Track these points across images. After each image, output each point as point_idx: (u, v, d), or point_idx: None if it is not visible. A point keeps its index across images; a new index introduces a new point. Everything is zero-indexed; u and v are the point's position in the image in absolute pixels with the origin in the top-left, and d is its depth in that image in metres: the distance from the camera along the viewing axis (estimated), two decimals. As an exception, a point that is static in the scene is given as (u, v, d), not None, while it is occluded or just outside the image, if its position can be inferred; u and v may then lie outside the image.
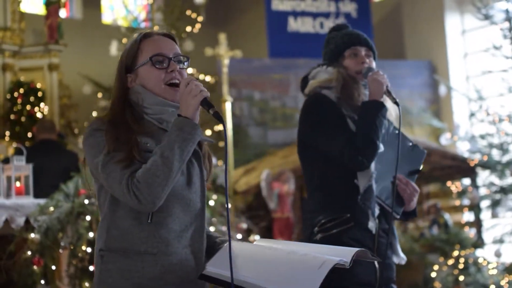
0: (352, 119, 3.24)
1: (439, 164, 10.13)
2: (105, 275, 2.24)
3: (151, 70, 2.35)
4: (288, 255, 2.17)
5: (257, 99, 10.96)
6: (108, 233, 2.26)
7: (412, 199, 3.26)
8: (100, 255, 2.27)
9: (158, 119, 2.34)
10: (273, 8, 11.44)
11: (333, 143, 3.18)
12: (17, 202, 5.14)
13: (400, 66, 11.68)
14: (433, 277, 8.70)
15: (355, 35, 3.36)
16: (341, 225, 3.14)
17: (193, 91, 2.24)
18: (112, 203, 2.27)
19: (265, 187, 8.99)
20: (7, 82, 8.80)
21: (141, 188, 2.14)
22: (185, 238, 2.28)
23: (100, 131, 2.26)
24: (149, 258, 2.21)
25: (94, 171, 2.27)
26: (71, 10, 12.62)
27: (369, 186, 3.17)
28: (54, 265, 5.05)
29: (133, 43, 2.40)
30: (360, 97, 3.27)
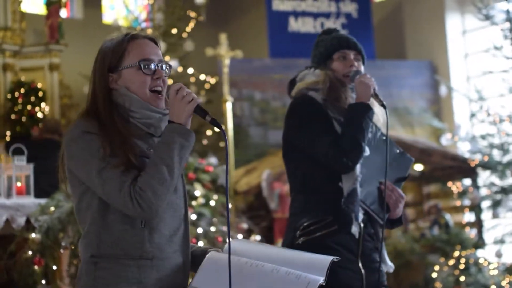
0: (338, 121, 3.21)
1: (440, 165, 10.13)
2: (100, 282, 2.18)
3: (138, 74, 2.30)
4: (272, 274, 2.16)
5: (258, 99, 10.96)
6: (100, 239, 2.20)
7: (397, 205, 3.18)
8: (93, 262, 2.20)
9: (145, 123, 2.30)
10: (274, 8, 11.44)
11: (318, 144, 3.14)
12: (17, 202, 5.14)
13: (400, 66, 11.68)
14: (434, 278, 8.70)
15: (344, 38, 3.34)
16: (324, 228, 3.10)
17: (185, 98, 2.21)
18: (102, 208, 2.21)
19: (266, 187, 8.99)
20: (7, 82, 8.81)
21: (145, 196, 2.11)
22: (174, 243, 2.27)
23: (90, 134, 2.20)
24: (145, 263, 2.19)
25: (84, 177, 2.20)
26: (72, 10, 12.62)
27: (353, 190, 3.11)
28: (55, 265, 5.05)
29: (120, 42, 2.34)
30: (347, 100, 3.24)
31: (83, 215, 2.26)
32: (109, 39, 2.40)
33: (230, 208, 7.66)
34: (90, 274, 2.21)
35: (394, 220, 3.23)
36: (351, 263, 3.09)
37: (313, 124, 3.19)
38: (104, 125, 2.22)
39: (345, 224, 3.12)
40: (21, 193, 5.31)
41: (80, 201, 2.26)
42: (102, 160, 2.15)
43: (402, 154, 3.32)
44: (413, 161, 3.38)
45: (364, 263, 3.14)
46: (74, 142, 2.22)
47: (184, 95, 2.22)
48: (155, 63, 2.33)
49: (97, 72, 2.33)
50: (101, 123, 2.23)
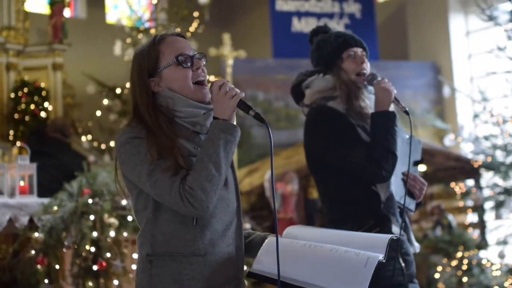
0: (362, 128, 3.20)
1: (443, 165, 10.13)
2: (156, 280, 2.25)
3: (178, 70, 2.36)
4: (331, 252, 2.22)
5: (261, 100, 10.96)
6: (154, 238, 2.27)
7: (422, 193, 3.28)
8: (149, 260, 2.27)
9: (191, 122, 2.35)
10: (277, 8, 11.44)
11: (351, 158, 3.13)
12: (21, 201, 5.15)
13: (404, 67, 11.67)
14: (437, 278, 8.69)
15: (349, 36, 3.31)
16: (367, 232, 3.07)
17: (229, 93, 2.26)
18: (155, 208, 2.28)
19: (268, 187, 8.99)
20: (11, 82, 8.81)
21: (196, 195, 2.16)
22: (227, 237, 2.32)
23: (137, 139, 2.26)
24: (197, 260, 2.24)
25: (136, 180, 2.26)
26: (75, 10, 12.64)
27: (390, 194, 3.15)
28: (57, 264, 5.06)
29: (151, 46, 2.38)
30: (364, 102, 3.22)
31: (140, 216, 2.34)
32: (139, 46, 2.45)
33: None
34: (145, 272, 2.28)
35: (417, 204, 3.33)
36: (391, 260, 3.09)
37: (340, 137, 3.18)
38: (150, 129, 2.27)
39: (386, 225, 3.15)
40: (24, 192, 5.32)
41: (137, 203, 2.33)
42: (150, 163, 2.21)
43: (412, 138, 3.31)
44: (422, 142, 3.43)
45: (403, 257, 3.17)
46: (123, 147, 2.28)
47: (227, 90, 2.27)
48: (191, 55, 2.38)
49: (137, 80, 2.37)
50: (148, 128, 2.28)
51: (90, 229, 4.93)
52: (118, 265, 4.95)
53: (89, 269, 4.94)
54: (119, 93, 10.18)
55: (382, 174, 3.09)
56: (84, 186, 5.20)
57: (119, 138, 2.31)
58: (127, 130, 2.30)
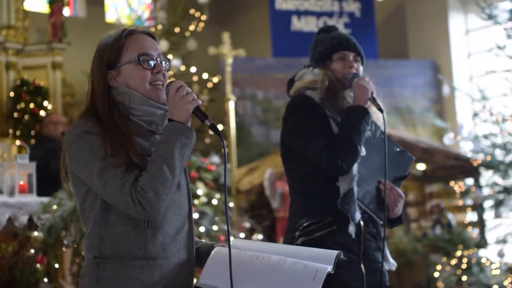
0: (336, 121, 3.19)
1: (442, 164, 10.13)
2: (103, 283, 2.17)
3: (137, 69, 2.29)
4: (279, 264, 2.16)
5: (260, 98, 10.95)
6: (102, 240, 2.19)
7: (396, 205, 3.15)
8: (96, 263, 2.19)
9: (147, 120, 2.28)
10: (277, 7, 11.44)
11: (312, 146, 3.13)
12: (20, 200, 5.14)
13: (403, 66, 11.67)
14: (436, 277, 8.70)
15: (344, 39, 3.32)
16: (324, 228, 3.09)
17: (186, 97, 2.19)
18: (104, 208, 2.19)
19: (268, 186, 8.99)
20: (10, 80, 8.81)
21: (148, 197, 2.09)
22: (178, 241, 2.26)
23: (91, 134, 2.18)
24: (148, 263, 2.17)
25: (85, 177, 2.18)
26: (75, 9, 12.62)
27: (349, 190, 3.09)
28: (57, 263, 5.06)
29: (118, 39, 2.31)
30: (345, 100, 3.22)
31: (86, 216, 2.25)
32: (106, 36, 2.37)
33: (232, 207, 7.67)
34: (92, 275, 2.20)
35: (393, 219, 3.20)
36: (351, 263, 3.07)
37: (308, 125, 3.18)
38: (104, 124, 2.20)
39: (344, 224, 3.10)
40: (23, 191, 5.31)
41: (83, 202, 2.25)
42: (102, 160, 2.13)
43: (402, 153, 3.30)
44: (413, 160, 3.35)
45: (366, 263, 3.13)
46: (74, 142, 2.20)
47: (184, 94, 2.20)
48: (154, 57, 2.31)
49: (96, 70, 2.31)
50: (101, 122, 2.20)
51: (90, 228, 4.92)
52: (117, 264, 4.94)
53: (88, 268, 4.94)
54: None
55: (338, 164, 3.05)
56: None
57: (71, 132, 2.22)
58: (79, 124, 2.21)
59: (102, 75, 2.29)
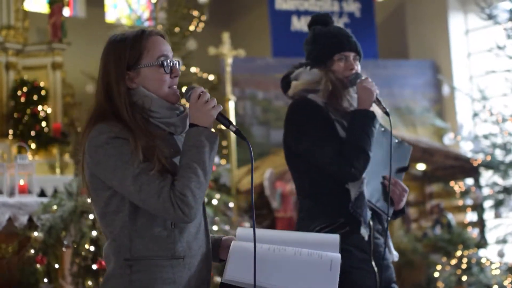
0: (341, 124, 3.17)
1: (442, 164, 10.13)
2: (137, 284, 2.20)
3: (158, 72, 2.29)
4: (295, 257, 2.24)
5: (260, 99, 10.95)
6: (133, 242, 2.20)
7: (401, 199, 3.18)
8: (128, 265, 2.20)
9: (166, 122, 2.29)
10: (277, 7, 11.44)
11: (322, 153, 3.10)
12: (20, 201, 5.15)
13: (403, 66, 11.67)
14: (436, 277, 8.69)
15: (345, 37, 3.27)
16: (336, 230, 3.06)
17: (209, 103, 2.23)
18: (133, 211, 2.20)
19: (268, 186, 8.99)
20: (10, 81, 8.81)
21: (187, 201, 2.12)
22: (199, 239, 2.30)
23: (119, 140, 2.17)
24: (177, 263, 2.22)
25: (116, 183, 2.17)
26: (75, 9, 12.63)
27: (360, 193, 3.09)
28: (57, 264, 5.06)
29: (137, 39, 2.30)
30: (347, 101, 3.19)
31: (110, 219, 2.24)
32: (118, 35, 2.34)
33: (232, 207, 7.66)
34: (124, 277, 2.21)
35: (397, 211, 3.23)
36: (364, 263, 3.09)
37: (314, 130, 3.15)
38: (130, 128, 2.19)
39: (356, 225, 3.10)
40: (23, 191, 5.32)
41: (107, 205, 2.24)
42: (135, 166, 2.14)
43: (401, 144, 3.29)
44: (411, 149, 3.34)
45: (377, 261, 3.14)
46: (101, 148, 2.17)
47: (207, 100, 2.23)
48: (171, 60, 2.33)
49: (114, 71, 2.27)
50: (126, 127, 2.20)
51: (90, 228, 4.92)
52: (117, 264, 4.94)
53: (88, 268, 4.94)
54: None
55: (350, 171, 3.05)
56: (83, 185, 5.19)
57: (96, 138, 2.18)
58: (105, 128, 2.19)
59: (123, 75, 2.27)
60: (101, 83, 2.30)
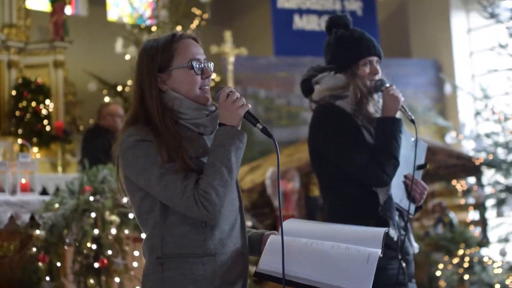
0: (367, 129, 3.21)
1: (444, 163, 10.12)
2: (169, 281, 2.25)
3: (189, 74, 2.35)
4: (333, 250, 2.27)
5: (263, 97, 10.96)
6: (164, 241, 2.26)
7: (422, 197, 3.30)
8: (160, 263, 2.26)
9: (195, 123, 2.34)
10: (279, 6, 11.44)
11: (354, 160, 3.16)
12: (22, 199, 5.14)
13: (405, 65, 11.66)
14: (438, 276, 8.69)
15: (370, 42, 3.28)
16: None
17: (237, 102, 2.27)
18: (163, 211, 2.26)
19: (270, 185, 8.99)
20: (12, 79, 8.82)
21: (211, 199, 2.17)
22: (233, 236, 2.33)
23: (145, 142, 2.24)
24: (209, 260, 2.25)
25: (144, 183, 2.24)
26: (77, 7, 12.64)
27: (388, 197, 3.15)
28: (59, 262, 5.06)
29: (169, 42, 2.36)
30: (374, 108, 3.24)
31: (144, 218, 2.31)
32: (152, 40, 2.41)
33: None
34: (157, 275, 2.27)
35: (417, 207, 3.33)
36: (394, 260, 3.14)
37: (343, 137, 3.19)
38: (157, 131, 2.25)
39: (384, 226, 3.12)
40: (25, 190, 5.32)
41: (141, 206, 2.30)
42: (160, 167, 2.20)
43: (418, 142, 3.32)
44: (427, 146, 3.44)
45: (404, 257, 3.19)
46: (130, 150, 2.25)
47: (235, 99, 2.27)
48: (203, 62, 2.38)
49: (147, 74, 2.34)
50: (154, 129, 2.26)
51: (92, 227, 4.92)
52: (119, 263, 4.94)
53: (90, 266, 4.94)
54: (121, 90, 10.18)
55: (384, 179, 3.12)
56: (85, 183, 5.19)
57: (125, 140, 2.27)
58: (133, 132, 2.27)
59: (154, 78, 2.33)
60: (136, 88, 2.37)
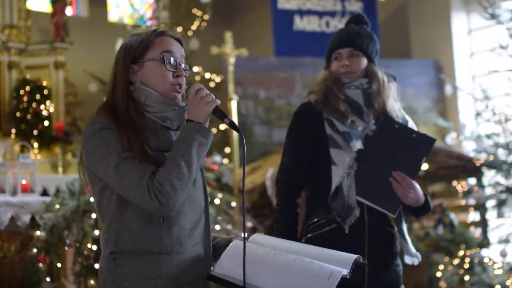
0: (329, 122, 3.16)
1: (445, 164, 10.11)
2: (120, 278, 2.20)
3: (160, 67, 2.33)
4: (295, 262, 2.18)
5: (263, 98, 10.96)
6: (119, 236, 2.21)
7: (407, 195, 3.06)
8: (113, 258, 2.21)
9: (161, 117, 2.32)
10: (279, 6, 11.44)
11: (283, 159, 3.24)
12: (22, 200, 5.15)
13: (406, 66, 11.66)
14: (438, 277, 8.68)
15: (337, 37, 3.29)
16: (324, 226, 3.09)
17: (205, 98, 2.25)
18: (121, 204, 2.22)
19: (270, 185, 8.97)
20: (13, 80, 8.83)
21: (164, 191, 2.12)
22: (195, 236, 2.29)
23: (107, 130, 2.20)
24: (164, 258, 2.20)
25: (102, 173, 2.20)
26: (77, 8, 12.64)
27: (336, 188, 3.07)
28: (59, 263, 5.06)
29: (148, 36, 2.36)
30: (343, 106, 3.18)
31: (104, 212, 2.28)
32: (135, 34, 2.41)
33: (234, 207, 7.67)
34: (109, 270, 2.22)
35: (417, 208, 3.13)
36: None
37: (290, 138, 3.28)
38: (120, 120, 2.23)
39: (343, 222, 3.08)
40: (26, 190, 5.32)
41: (101, 198, 2.27)
42: (118, 156, 2.16)
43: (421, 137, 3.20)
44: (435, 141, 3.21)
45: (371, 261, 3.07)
46: (90, 138, 2.22)
47: (204, 95, 2.26)
48: (177, 60, 2.36)
49: (120, 63, 2.35)
50: (118, 118, 2.24)
51: (92, 227, 4.93)
52: (119, 264, 4.95)
53: (90, 267, 4.95)
54: (121, 91, 10.17)
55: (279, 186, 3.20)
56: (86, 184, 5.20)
57: (88, 129, 2.25)
58: (96, 120, 2.24)
59: (125, 68, 2.33)
60: (110, 78, 2.38)
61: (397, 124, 3.21)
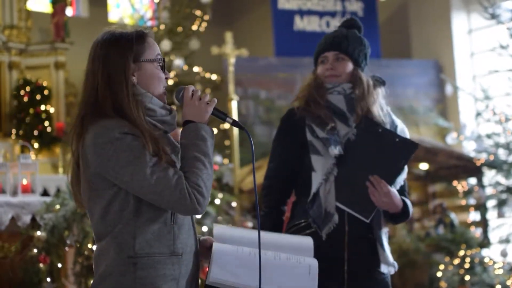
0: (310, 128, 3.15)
1: (445, 164, 10.11)
2: (141, 282, 2.18)
3: (158, 69, 2.31)
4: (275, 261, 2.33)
5: (263, 98, 10.96)
6: (136, 240, 2.18)
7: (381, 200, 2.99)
8: (132, 263, 2.18)
9: (160, 120, 2.29)
10: (279, 7, 11.44)
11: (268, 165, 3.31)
12: (23, 200, 5.15)
13: (406, 66, 11.66)
14: (439, 277, 8.68)
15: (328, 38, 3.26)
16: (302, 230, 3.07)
17: (203, 99, 2.27)
18: (137, 209, 2.19)
19: (270, 186, 8.98)
20: (13, 80, 8.82)
21: (202, 192, 2.15)
22: (191, 237, 2.31)
23: (130, 136, 2.15)
24: (177, 260, 2.23)
25: (126, 178, 2.14)
26: (78, 8, 12.64)
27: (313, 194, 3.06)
28: (60, 263, 5.07)
29: (141, 34, 2.30)
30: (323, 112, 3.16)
31: (112, 217, 2.21)
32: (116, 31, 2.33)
33: (235, 207, 7.67)
34: (128, 275, 2.18)
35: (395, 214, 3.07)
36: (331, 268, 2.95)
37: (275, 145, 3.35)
38: (136, 124, 2.18)
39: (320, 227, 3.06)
40: (26, 191, 5.33)
41: (111, 203, 2.20)
42: (149, 161, 2.13)
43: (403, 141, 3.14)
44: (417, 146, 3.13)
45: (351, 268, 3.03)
46: (110, 144, 2.14)
47: (201, 96, 2.28)
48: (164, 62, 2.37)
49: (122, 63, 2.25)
50: (132, 122, 2.18)
51: (92, 228, 4.93)
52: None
53: (91, 267, 4.94)
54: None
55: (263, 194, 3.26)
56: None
57: (104, 134, 2.15)
58: (114, 124, 2.15)
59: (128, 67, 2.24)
60: (99, 77, 2.25)
61: (380, 128, 3.15)
